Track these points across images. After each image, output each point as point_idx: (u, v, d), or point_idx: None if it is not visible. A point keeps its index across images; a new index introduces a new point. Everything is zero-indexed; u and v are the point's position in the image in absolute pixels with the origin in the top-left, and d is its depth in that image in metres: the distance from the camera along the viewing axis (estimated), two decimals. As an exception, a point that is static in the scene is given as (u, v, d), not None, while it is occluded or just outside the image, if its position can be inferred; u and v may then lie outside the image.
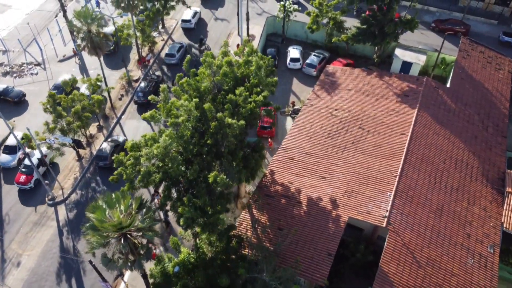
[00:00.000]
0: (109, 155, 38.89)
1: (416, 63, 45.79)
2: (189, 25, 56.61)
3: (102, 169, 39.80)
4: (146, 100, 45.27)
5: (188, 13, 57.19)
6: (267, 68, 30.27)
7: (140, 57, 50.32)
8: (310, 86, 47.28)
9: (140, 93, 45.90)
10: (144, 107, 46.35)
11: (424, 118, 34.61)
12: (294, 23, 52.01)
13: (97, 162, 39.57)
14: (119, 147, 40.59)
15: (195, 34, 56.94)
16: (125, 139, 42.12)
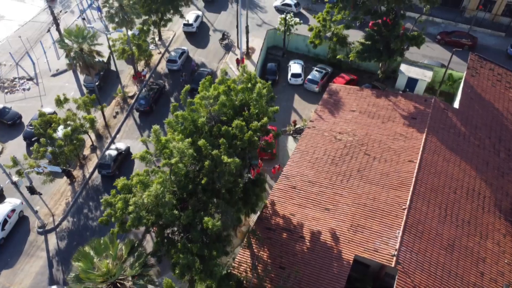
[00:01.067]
0: (112, 163, 38.21)
1: (422, 79, 44.08)
2: (191, 29, 55.70)
3: (105, 178, 38.86)
4: (148, 108, 44.32)
5: (190, 16, 55.99)
6: (268, 95, 28.51)
7: (136, 72, 48.55)
8: (312, 103, 45.59)
9: (142, 100, 44.74)
10: (145, 115, 45.29)
11: (433, 144, 32.87)
12: (295, 37, 50.27)
13: (100, 170, 38.54)
14: (122, 154, 39.83)
15: (197, 38, 56.05)
16: (128, 147, 41.18)
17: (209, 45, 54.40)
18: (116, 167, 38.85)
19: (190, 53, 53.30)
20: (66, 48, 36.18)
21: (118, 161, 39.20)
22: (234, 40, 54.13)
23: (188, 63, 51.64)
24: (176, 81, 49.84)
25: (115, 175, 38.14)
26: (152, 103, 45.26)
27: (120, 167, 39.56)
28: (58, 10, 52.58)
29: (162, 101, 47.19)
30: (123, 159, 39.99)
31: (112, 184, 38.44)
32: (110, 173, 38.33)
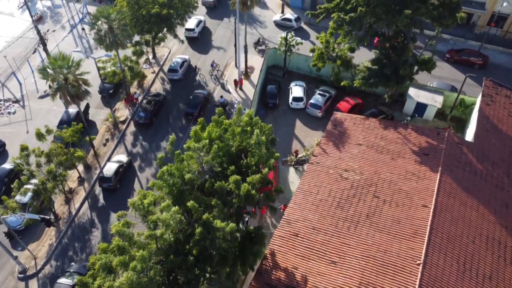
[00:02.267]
0: (113, 175, 37.49)
1: (432, 105, 41.37)
2: (192, 34, 54.38)
3: (106, 191, 38.15)
4: (149, 120, 43.17)
5: (192, 21, 54.05)
6: (268, 140, 25.78)
7: (128, 95, 45.78)
8: (315, 130, 42.89)
9: (142, 113, 43.55)
10: (144, 127, 43.67)
11: (448, 185, 30.13)
12: (296, 56, 47.51)
13: (101, 184, 37.79)
14: (124, 167, 39.10)
15: (199, 43, 54.59)
16: (130, 159, 40.33)
17: (207, 65, 51.58)
18: (117, 180, 37.97)
19: (192, 60, 52.00)
20: (48, 78, 33.36)
21: (120, 174, 38.36)
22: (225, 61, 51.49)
23: (189, 72, 50.00)
24: (177, 92, 48.24)
25: (116, 188, 37.99)
26: (152, 116, 43.77)
27: (121, 180, 38.69)
28: (46, 29, 49.68)
29: (163, 114, 45.54)
30: (124, 172, 39.23)
31: (112, 198, 37.80)
32: (111, 186, 37.55)
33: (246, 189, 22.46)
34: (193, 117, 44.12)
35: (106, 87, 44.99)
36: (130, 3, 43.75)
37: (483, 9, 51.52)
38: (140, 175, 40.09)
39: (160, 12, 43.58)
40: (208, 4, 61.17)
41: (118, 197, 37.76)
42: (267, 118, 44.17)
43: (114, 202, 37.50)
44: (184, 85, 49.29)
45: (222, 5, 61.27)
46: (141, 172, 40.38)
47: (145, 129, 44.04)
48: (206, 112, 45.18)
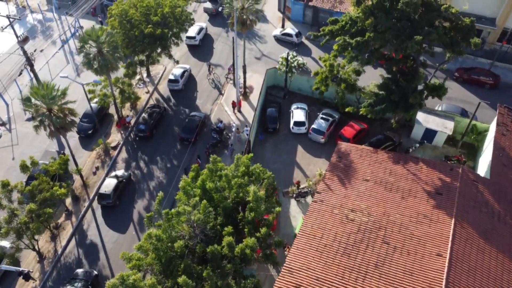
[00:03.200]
0: (112, 192, 36.27)
1: (442, 131, 38.93)
2: (193, 42, 53.09)
3: (105, 208, 37.04)
4: (149, 133, 41.99)
5: (193, 29, 52.33)
6: (268, 190, 23.34)
7: (120, 119, 43.32)
8: (317, 157, 40.46)
9: (141, 125, 42.16)
10: (144, 141, 42.35)
11: (464, 229, 27.69)
12: (298, 77, 45.02)
13: (99, 201, 36.72)
14: (123, 182, 37.88)
15: (201, 51, 52.95)
16: (129, 174, 39.17)
17: (203, 83, 49.09)
18: (116, 196, 36.83)
19: (193, 68, 50.41)
20: (30, 109, 30.92)
21: (119, 190, 37.19)
22: (215, 91, 48.97)
23: (190, 82, 48.77)
24: (178, 102, 46.61)
25: (116, 205, 36.94)
26: (152, 128, 42.50)
27: (120, 196, 37.53)
28: (33, 49, 47.18)
29: (163, 126, 44.05)
30: (124, 188, 38.03)
31: (111, 215, 35.99)
32: (110, 204, 36.44)
33: (240, 248, 19.99)
34: (189, 142, 41.72)
35: (84, 127, 42.41)
36: (122, 23, 41.29)
37: (493, 25, 49.13)
38: (140, 190, 38.76)
39: (154, 32, 41.11)
40: (210, 11, 59.42)
41: (117, 214, 36.77)
42: (267, 144, 41.72)
43: (113, 220, 36.36)
44: (185, 95, 47.61)
45: None
46: (141, 188, 38.92)
47: (145, 142, 42.53)
48: (203, 137, 42.76)
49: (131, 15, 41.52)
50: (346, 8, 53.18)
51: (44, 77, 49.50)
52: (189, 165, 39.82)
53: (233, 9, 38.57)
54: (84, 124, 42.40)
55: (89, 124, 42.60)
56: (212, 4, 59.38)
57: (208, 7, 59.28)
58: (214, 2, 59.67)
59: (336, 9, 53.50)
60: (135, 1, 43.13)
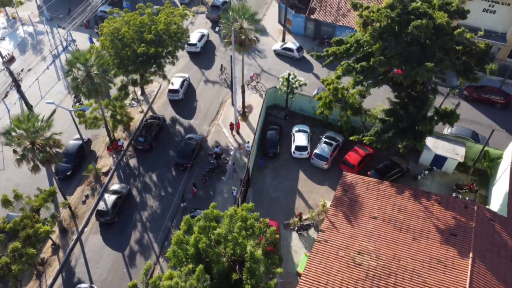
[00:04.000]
0: (111, 208, 34.93)
1: (453, 158, 36.69)
2: (194, 49, 51.69)
3: (104, 226, 35.57)
4: (148, 146, 40.64)
5: (195, 36, 51.60)
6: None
7: (112, 143, 41.04)
8: (320, 184, 38.20)
9: (141, 138, 40.83)
10: (144, 153, 40.96)
11: (481, 276, 25.44)
12: (300, 97, 42.72)
13: (97, 218, 35.21)
14: (122, 198, 36.48)
15: (201, 58, 51.81)
16: (129, 188, 37.80)
17: (199, 103, 46.80)
18: (115, 213, 35.48)
19: (195, 76, 49.06)
20: (12, 143, 28.65)
21: (118, 206, 35.78)
22: (212, 109, 46.78)
23: (190, 91, 47.46)
24: (179, 111, 45.39)
25: (115, 222, 35.60)
26: (152, 141, 41.12)
27: (120, 212, 36.13)
28: (20, 69, 44.91)
29: (163, 138, 42.67)
30: (123, 203, 36.62)
31: (110, 232, 34.51)
32: (109, 221, 35.16)
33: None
34: (184, 168, 39.47)
35: (61, 168, 38.26)
36: (114, 41, 39.00)
37: (504, 41, 46.84)
38: (140, 206, 37.37)
39: (147, 51, 38.83)
40: (212, 18, 57.74)
41: (115, 231, 35.42)
42: (266, 170, 39.42)
43: (111, 237, 35.01)
44: (185, 106, 46.09)
45: None
46: (141, 203, 37.52)
47: (144, 155, 41.12)
48: (199, 161, 40.48)
49: (123, 33, 39.23)
50: (349, 22, 51.00)
51: (33, 94, 47.44)
52: (185, 192, 37.77)
53: (231, 29, 36.29)
54: (62, 164, 37.37)
55: (67, 164, 38.14)
56: (214, 10, 57.75)
57: (211, 14, 57.75)
58: (216, 9, 57.93)
59: (339, 23, 51.28)
60: (128, 18, 40.91)
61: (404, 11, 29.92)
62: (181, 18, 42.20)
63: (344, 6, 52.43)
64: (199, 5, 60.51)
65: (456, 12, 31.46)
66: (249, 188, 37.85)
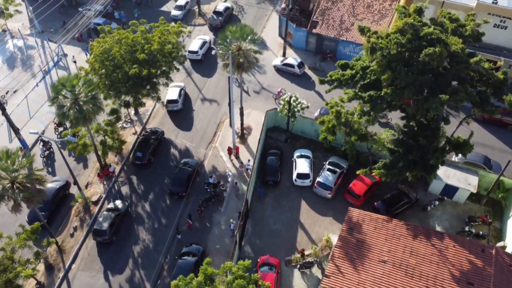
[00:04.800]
0: (109, 228, 33.57)
1: (465, 189, 34.43)
2: (195, 57, 50.21)
3: (101, 245, 34.20)
4: (147, 161, 39.22)
5: (196, 43, 50.52)
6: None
7: (102, 169, 38.74)
8: (324, 215, 35.97)
9: (139, 153, 39.39)
10: (142, 168, 39.67)
11: (502, 334, 23.24)
12: (301, 119, 40.40)
13: (94, 237, 33.89)
14: (120, 215, 35.04)
15: (203, 66, 50.18)
16: (127, 206, 36.29)
17: (196, 123, 44.48)
18: (113, 232, 34.17)
19: (199, 84, 48.00)
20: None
21: (116, 225, 34.43)
22: (209, 130, 44.39)
23: (188, 102, 46.24)
24: (178, 123, 44.11)
25: (112, 242, 34.27)
26: (150, 155, 39.67)
27: (117, 231, 34.81)
28: (5, 92, 42.61)
29: (161, 152, 41.23)
30: (121, 221, 35.25)
31: (107, 252, 33.08)
32: (106, 240, 33.84)
33: None
34: (179, 197, 37.21)
35: (32, 216, 34.00)
36: (104, 63, 36.66)
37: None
38: (138, 224, 36.00)
39: (140, 73, 36.50)
40: (215, 24, 55.80)
41: (113, 250, 34.10)
42: (266, 199, 37.14)
43: (109, 258, 33.68)
44: (185, 116, 44.69)
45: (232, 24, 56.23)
46: (139, 221, 36.22)
47: (143, 170, 39.69)
48: (195, 188, 38.18)
49: (114, 53, 36.88)
50: (352, 37, 48.70)
51: (22, 114, 45.18)
52: (180, 224, 35.51)
53: (228, 51, 34.02)
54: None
55: (43, 212, 33.94)
56: (217, 17, 55.79)
57: (214, 20, 55.84)
58: (218, 15, 55.89)
59: (342, 37, 48.98)
60: (120, 36, 38.55)
61: (415, 37, 27.62)
62: (176, 36, 39.84)
63: (347, 20, 50.17)
64: (196, 17, 58.15)
65: (470, 36, 29.18)
66: (248, 219, 35.59)
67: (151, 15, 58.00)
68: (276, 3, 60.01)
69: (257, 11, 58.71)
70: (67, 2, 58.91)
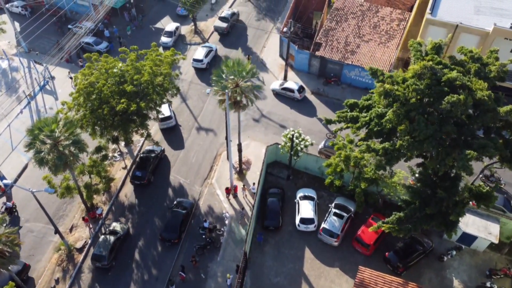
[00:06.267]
0: (108, 253, 32.34)
1: (485, 238, 31.32)
2: (200, 65, 48.98)
3: (100, 270, 32.79)
4: (146, 181, 37.84)
5: (201, 51, 49.36)
6: None
7: (88, 212, 35.56)
8: (330, 265, 32.88)
9: (138, 172, 38.07)
10: (141, 188, 38.26)
11: None
12: (305, 156, 37.13)
13: (94, 262, 32.64)
14: (120, 239, 33.70)
15: (208, 75, 46.89)
16: (127, 228, 34.81)
17: (191, 157, 41.27)
18: (113, 257, 32.87)
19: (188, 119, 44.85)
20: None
21: (115, 249, 33.12)
22: (205, 164, 41.36)
23: None
24: (174, 140, 42.24)
25: (112, 267, 32.94)
26: (150, 175, 38.38)
27: (117, 256, 33.37)
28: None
29: (161, 170, 39.66)
30: (121, 245, 33.88)
31: (106, 279, 31.65)
32: (106, 265, 32.49)
33: None
34: (171, 243, 34.08)
35: None
36: (88, 98, 33.42)
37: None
38: (138, 247, 34.34)
39: (128, 108, 33.28)
40: (221, 31, 53.91)
41: (112, 277, 32.56)
42: (267, 247, 33.94)
43: (108, 284, 32.21)
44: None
45: (238, 32, 54.87)
46: (139, 245, 34.53)
47: (142, 190, 38.31)
48: (190, 233, 35.04)
49: (100, 87, 33.65)
50: (358, 60, 45.52)
51: (4, 144, 42.03)
52: (172, 275, 32.35)
53: (224, 89, 30.87)
54: None
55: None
56: (223, 22, 53.55)
57: (219, 26, 53.68)
58: (225, 21, 53.59)
59: (347, 61, 45.79)
60: (108, 65, 35.34)
61: (435, 82, 24.45)
62: (168, 67, 36.59)
63: (352, 41, 47.00)
64: (193, 35, 54.97)
65: (496, 78, 26.05)
66: (247, 270, 32.42)
67: (144, 33, 55.08)
68: (277, 20, 56.94)
69: (256, 29, 55.55)
70: (57, 19, 55.66)
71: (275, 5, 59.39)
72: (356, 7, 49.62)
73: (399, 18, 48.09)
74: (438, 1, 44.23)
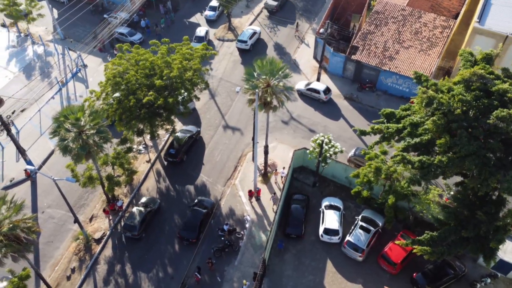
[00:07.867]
0: (140, 223, 33.16)
1: (526, 268, 28.90)
2: (244, 46, 49.95)
3: (130, 241, 33.69)
4: (179, 159, 38.21)
5: (246, 33, 50.20)
6: None
7: (109, 204, 35.17)
8: (353, 281, 31.23)
9: (172, 150, 38.40)
10: (173, 167, 38.71)
11: None
12: (333, 163, 35.52)
13: (124, 232, 33.61)
14: (152, 212, 34.44)
15: (251, 56, 46.55)
16: (159, 202, 35.46)
17: (216, 156, 40.33)
18: (143, 228, 33.62)
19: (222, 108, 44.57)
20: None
21: (146, 221, 33.88)
22: (230, 163, 40.19)
23: None
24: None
25: (142, 238, 33.76)
26: (183, 154, 38.71)
27: (147, 228, 34.11)
28: (11, 111, 39.60)
29: (195, 151, 40.10)
30: (152, 218, 34.61)
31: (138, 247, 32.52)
32: (136, 236, 33.32)
33: None
34: (189, 242, 33.22)
35: None
36: (116, 88, 32.99)
37: None
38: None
39: (155, 102, 32.62)
40: (271, 8, 55.23)
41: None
42: (287, 255, 32.57)
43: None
44: None
45: (285, 11, 56.19)
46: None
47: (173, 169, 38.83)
48: (209, 233, 34.07)
49: (129, 77, 33.15)
50: (397, 67, 43.44)
51: (32, 130, 42.27)
52: (187, 276, 31.45)
53: (255, 88, 29.70)
54: None
55: None
56: (274, 0, 54.82)
57: (270, 3, 54.96)
58: None
59: (385, 67, 43.78)
60: (138, 57, 34.86)
61: (483, 93, 22.45)
62: (199, 62, 35.73)
63: (391, 47, 44.92)
64: (226, 31, 54.06)
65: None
66: (264, 278, 31.17)
67: (178, 26, 54.61)
68: (313, 20, 55.36)
69: (291, 29, 54.08)
70: (93, 7, 55.96)
71: (312, 5, 57.84)
72: (397, 11, 47.42)
73: (443, 25, 45.61)
74: (487, 9, 41.58)
